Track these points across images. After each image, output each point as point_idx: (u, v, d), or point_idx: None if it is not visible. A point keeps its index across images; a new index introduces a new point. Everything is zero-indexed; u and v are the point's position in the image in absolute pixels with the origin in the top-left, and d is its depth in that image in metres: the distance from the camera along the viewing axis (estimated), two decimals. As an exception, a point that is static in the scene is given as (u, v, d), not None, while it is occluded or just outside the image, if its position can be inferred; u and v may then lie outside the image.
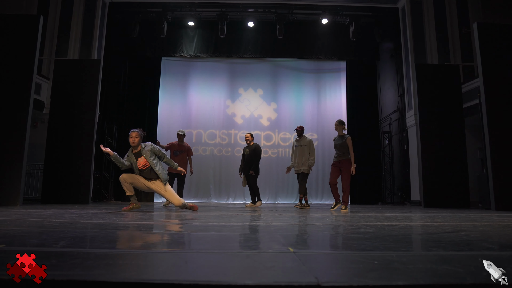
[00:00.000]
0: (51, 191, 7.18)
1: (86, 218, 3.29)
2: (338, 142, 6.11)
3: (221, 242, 1.87)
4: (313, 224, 3.06)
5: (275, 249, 1.54)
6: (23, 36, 6.14)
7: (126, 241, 1.93)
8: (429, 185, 7.71)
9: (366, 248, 1.67)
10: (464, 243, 1.84)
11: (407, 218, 3.88)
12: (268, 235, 2.15)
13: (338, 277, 1.02)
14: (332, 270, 1.11)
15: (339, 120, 6.36)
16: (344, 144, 5.97)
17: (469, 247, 1.73)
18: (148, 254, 1.45)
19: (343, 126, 6.24)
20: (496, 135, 6.08)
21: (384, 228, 2.64)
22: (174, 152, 7.33)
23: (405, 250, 1.67)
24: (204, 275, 1.02)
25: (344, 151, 5.97)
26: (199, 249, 1.61)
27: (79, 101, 7.54)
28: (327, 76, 11.97)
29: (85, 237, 1.91)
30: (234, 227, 2.73)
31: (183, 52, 11.24)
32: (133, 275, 1.02)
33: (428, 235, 2.19)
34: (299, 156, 7.06)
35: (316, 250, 1.60)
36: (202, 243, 1.84)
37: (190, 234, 2.23)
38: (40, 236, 1.94)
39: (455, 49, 9.45)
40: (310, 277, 0.99)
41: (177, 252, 1.49)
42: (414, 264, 1.23)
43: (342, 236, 2.13)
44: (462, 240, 1.97)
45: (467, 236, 2.16)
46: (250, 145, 7.42)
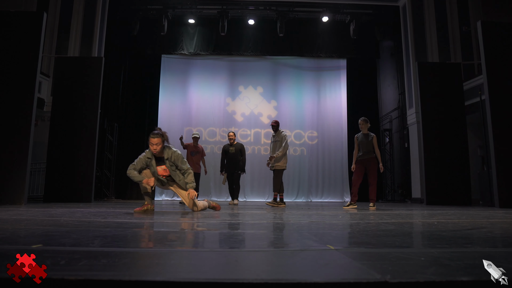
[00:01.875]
0: (54, 189, 7.13)
1: (101, 217, 3.27)
2: (363, 140, 5.98)
3: (254, 240, 1.87)
4: (330, 221, 3.07)
5: (315, 246, 1.55)
6: (26, 34, 6.08)
7: (162, 239, 1.92)
8: (431, 183, 7.76)
9: (402, 245, 1.68)
10: (494, 240, 1.86)
11: (418, 215, 3.91)
12: (296, 233, 2.15)
13: (398, 274, 1.03)
14: (388, 267, 1.12)
15: (364, 118, 6.19)
16: (370, 143, 5.90)
17: (503, 244, 1.75)
18: (197, 252, 1.45)
19: (367, 124, 6.09)
20: (500, 132, 6.14)
21: (403, 225, 2.66)
22: (191, 152, 7.46)
23: (441, 247, 1.69)
24: (263, 273, 1.02)
25: (370, 149, 5.89)
26: (234, 247, 1.61)
27: (81, 99, 7.49)
28: (327, 74, 12.00)
29: (116, 236, 1.91)
30: (255, 225, 2.73)
31: (184, 49, 11.20)
32: (184, 274, 1.02)
33: (452, 232, 2.20)
34: (273, 151, 6.73)
35: (354, 247, 1.61)
36: (233, 242, 1.84)
37: (221, 233, 2.23)
38: (69, 235, 1.93)
39: (456, 47, 9.52)
40: (373, 274, 1.00)
41: (221, 251, 1.49)
42: (462, 261, 1.24)
43: (369, 233, 2.14)
44: (490, 237, 1.99)
45: (492, 233, 2.18)
46: (233, 143, 7.33)
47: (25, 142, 5.80)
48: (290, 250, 1.44)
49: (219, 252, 1.47)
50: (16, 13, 6.18)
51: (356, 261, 1.21)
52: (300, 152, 11.72)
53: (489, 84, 6.24)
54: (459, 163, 7.82)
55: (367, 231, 2.31)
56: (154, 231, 2.35)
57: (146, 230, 2.36)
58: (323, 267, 1.11)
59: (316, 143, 11.82)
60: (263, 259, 1.30)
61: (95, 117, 7.57)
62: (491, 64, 6.30)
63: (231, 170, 7.26)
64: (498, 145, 6.09)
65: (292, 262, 1.20)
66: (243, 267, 1.14)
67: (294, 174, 11.58)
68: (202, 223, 2.90)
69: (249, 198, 11.33)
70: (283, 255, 1.34)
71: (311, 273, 1.04)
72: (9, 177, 5.68)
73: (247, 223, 2.92)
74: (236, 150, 7.28)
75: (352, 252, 1.42)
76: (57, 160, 7.25)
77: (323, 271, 1.06)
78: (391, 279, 0.94)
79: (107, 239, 1.78)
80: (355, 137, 6.21)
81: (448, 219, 3.30)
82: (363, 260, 1.27)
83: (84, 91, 7.55)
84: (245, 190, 11.37)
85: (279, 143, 6.67)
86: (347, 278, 0.94)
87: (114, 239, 1.79)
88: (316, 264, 1.17)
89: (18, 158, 5.73)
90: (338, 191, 11.57)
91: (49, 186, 7.18)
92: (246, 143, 11.61)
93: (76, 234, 1.98)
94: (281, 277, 0.97)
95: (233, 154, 7.25)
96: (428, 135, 7.89)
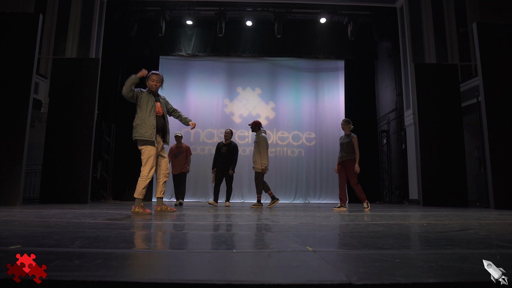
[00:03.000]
0: (50, 190, 7.14)
1: (91, 218, 3.27)
2: (344, 141, 5.98)
3: (237, 242, 1.87)
4: (320, 223, 3.07)
5: (293, 248, 1.55)
6: (23, 35, 6.10)
7: (144, 240, 1.92)
8: (428, 184, 7.76)
9: (383, 247, 1.68)
10: (477, 242, 1.85)
11: (411, 217, 3.90)
12: (280, 234, 2.15)
13: (367, 275, 1.03)
14: (359, 269, 1.11)
15: (345, 119, 6.21)
16: (350, 143, 5.88)
17: (482, 245, 1.74)
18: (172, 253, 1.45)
19: (349, 125, 6.10)
20: (496, 134, 6.13)
21: (392, 227, 2.65)
22: (174, 155, 7.35)
23: (421, 249, 1.69)
24: (234, 275, 1.02)
25: (350, 151, 5.87)
26: (214, 248, 1.61)
27: (78, 100, 7.50)
28: (325, 75, 12.00)
29: (98, 237, 1.90)
30: (243, 226, 2.73)
31: (181, 51, 11.22)
32: (152, 275, 1.02)
33: (438, 234, 2.20)
34: (253, 153, 6.79)
35: (334, 249, 1.60)
36: (216, 243, 1.84)
37: (202, 234, 2.23)
38: (52, 236, 1.92)
39: (453, 48, 9.52)
40: (340, 276, 1.00)
41: (198, 253, 1.49)
42: (436, 262, 1.24)
43: (354, 235, 2.13)
44: (474, 239, 1.98)
45: (477, 235, 2.18)
46: (227, 143, 7.20)
47: (21, 143, 5.81)
48: (267, 252, 1.44)
49: (196, 253, 1.47)
50: (12, 14, 6.20)
51: (329, 262, 1.21)
52: (298, 154, 11.72)
53: (484, 86, 6.24)
54: (456, 164, 7.81)
55: (353, 232, 2.31)
56: (139, 232, 2.34)
57: (132, 231, 2.36)
58: (293, 269, 1.11)
59: (314, 145, 11.82)
60: (237, 260, 1.30)
61: (92, 118, 7.57)
62: (486, 66, 6.30)
63: (222, 170, 7.11)
64: (493, 147, 6.08)
65: (265, 263, 1.20)
66: (214, 269, 1.13)
67: (292, 175, 11.58)
68: (189, 224, 2.89)
69: (247, 200, 11.32)
70: (259, 257, 1.34)
71: (278, 274, 1.04)
72: (4, 178, 5.68)
73: (236, 224, 2.92)
74: (229, 149, 7.13)
75: (329, 254, 1.41)
76: (53, 161, 7.25)
77: (291, 273, 1.06)
78: (356, 281, 0.94)
79: (89, 240, 1.78)
80: (339, 138, 6.23)
81: (439, 221, 3.29)
82: (338, 262, 1.27)
83: (81, 92, 7.55)
84: (243, 192, 11.38)
85: (257, 145, 6.71)
86: (311, 280, 0.94)
87: (96, 240, 1.79)
88: (287, 265, 1.16)
89: (14, 159, 5.74)
90: (336, 193, 11.50)
91: (45, 187, 7.18)
92: (244, 145, 11.61)
93: (60, 235, 1.97)
94: (249, 278, 0.97)
95: (225, 153, 7.11)
96: (425, 136, 7.89)
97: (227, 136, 7.21)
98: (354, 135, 5.97)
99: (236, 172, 11.42)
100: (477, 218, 3.60)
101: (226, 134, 7.22)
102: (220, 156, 7.15)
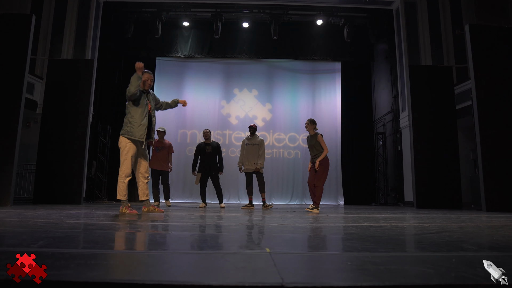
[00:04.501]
0: (43, 191, 7.15)
1: (73, 219, 3.27)
2: (311, 142, 5.80)
3: (201, 243, 1.87)
4: (300, 225, 3.06)
5: (253, 249, 1.55)
6: (15, 36, 6.12)
7: (107, 241, 1.92)
8: (421, 186, 7.74)
9: (345, 249, 1.67)
10: (444, 244, 1.84)
11: (396, 219, 3.89)
12: (248, 236, 2.15)
13: (305, 277, 1.03)
14: (302, 271, 1.11)
15: (310, 119, 5.97)
16: (317, 143, 5.72)
17: (448, 248, 1.74)
18: (124, 254, 1.45)
19: (314, 125, 5.88)
20: (487, 136, 6.11)
21: (369, 229, 2.65)
22: (156, 148, 7.23)
23: (383, 251, 1.68)
24: (170, 275, 1.01)
25: (319, 150, 5.71)
26: (176, 249, 1.61)
27: (72, 101, 7.53)
28: (321, 77, 11.98)
29: (65, 237, 1.91)
30: (218, 227, 2.73)
31: (178, 52, 11.22)
32: (102, 274, 1.02)
33: (411, 236, 2.20)
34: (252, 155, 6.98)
35: (293, 250, 1.60)
36: (182, 244, 1.84)
37: (174, 235, 2.23)
38: (20, 236, 1.93)
39: (449, 50, 9.50)
40: (276, 277, 0.99)
41: (150, 253, 1.49)
42: (387, 265, 1.24)
43: (324, 237, 2.13)
44: (443, 241, 1.97)
45: (450, 237, 2.17)
46: (208, 142, 7.03)
47: (12, 143, 5.83)
48: (222, 253, 1.44)
49: (143, 253, 1.47)
50: (5, 15, 6.22)
51: (277, 264, 1.21)
52: (294, 155, 11.71)
53: (476, 88, 6.22)
54: (450, 166, 7.79)
55: (325, 234, 2.30)
56: (110, 232, 2.34)
57: (103, 231, 2.36)
58: (236, 270, 1.11)
59: (310, 146, 11.79)
60: (186, 261, 1.29)
61: (86, 119, 7.60)
62: (478, 68, 6.28)
63: (206, 171, 6.94)
64: (485, 149, 6.06)
65: (211, 264, 1.20)
66: (152, 269, 1.13)
67: (288, 177, 11.56)
68: (163, 225, 2.89)
69: (243, 201, 11.30)
70: (210, 258, 1.33)
71: (216, 275, 1.04)
72: (-5, 179, 5.69)
73: (214, 225, 2.91)
74: (213, 149, 6.96)
75: (284, 256, 1.41)
76: (47, 162, 7.27)
77: (230, 274, 1.05)
78: (289, 283, 0.93)
79: (54, 240, 1.78)
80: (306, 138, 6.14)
81: (420, 223, 3.28)
82: (287, 264, 1.26)
83: (76, 93, 7.58)
84: (239, 193, 11.37)
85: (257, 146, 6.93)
86: (243, 281, 0.94)
87: (61, 240, 1.79)
88: (233, 267, 1.16)
89: (5, 159, 5.75)
90: (333, 194, 11.52)
91: (38, 188, 7.20)
92: (240, 146, 11.60)
93: (28, 235, 1.98)
94: (183, 279, 0.96)
95: (210, 153, 6.93)
96: (419, 138, 7.87)
97: (208, 135, 7.07)
98: (319, 133, 5.77)
99: (232, 173, 11.50)
100: (461, 221, 3.58)
101: (206, 133, 7.08)
102: (205, 156, 6.95)
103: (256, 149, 6.93)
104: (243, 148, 7.13)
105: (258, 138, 7.08)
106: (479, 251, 1.62)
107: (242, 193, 11.39)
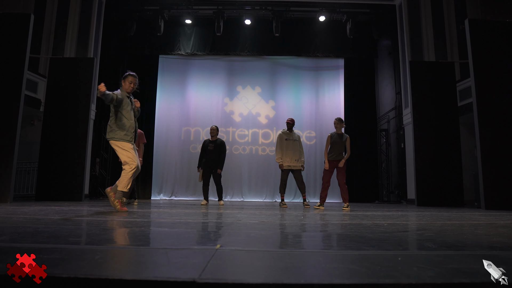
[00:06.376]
0: (46, 188, 7.28)
1: (60, 215, 3.33)
2: (337, 140, 5.85)
3: (154, 239, 1.88)
4: (281, 222, 3.06)
5: (204, 245, 1.55)
6: (15, 34, 6.23)
7: (66, 236, 1.95)
8: (422, 184, 7.65)
9: (304, 247, 1.67)
10: (405, 243, 1.83)
11: (385, 217, 3.85)
12: (212, 233, 2.16)
13: (228, 274, 1.03)
14: (234, 268, 1.12)
15: (339, 118, 6.09)
16: (343, 144, 5.84)
17: (406, 246, 1.72)
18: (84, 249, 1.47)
19: (343, 124, 6.00)
20: (487, 134, 6.01)
21: (345, 227, 2.63)
22: None
23: (338, 249, 1.67)
24: (105, 270, 1.03)
25: (342, 151, 5.82)
26: (124, 245, 1.63)
27: (74, 99, 7.64)
28: (325, 74, 11.91)
29: (34, 232, 1.94)
30: (189, 224, 2.74)
31: (181, 50, 11.27)
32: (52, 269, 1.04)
33: (381, 234, 2.17)
34: (293, 150, 6.73)
35: (247, 247, 1.60)
36: (132, 240, 1.85)
37: (131, 231, 2.25)
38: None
39: (452, 46, 9.34)
40: (195, 274, 1.00)
41: (94, 248, 1.51)
42: (331, 264, 1.23)
43: (297, 234, 2.13)
44: (409, 240, 1.96)
45: (419, 236, 2.15)
46: (213, 140, 6.96)
47: (11, 140, 5.93)
48: (169, 249, 1.45)
49: (88, 248, 1.49)
50: (4, 14, 6.33)
51: (213, 261, 1.21)
52: (297, 152, 11.66)
53: (476, 84, 6.11)
54: (452, 163, 7.68)
55: (301, 232, 2.30)
56: (87, 228, 2.37)
57: (79, 227, 2.39)
58: (166, 265, 1.12)
59: (314, 143, 11.76)
60: (125, 256, 1.31)
61: (87, 116, 7.70)
62: (478, 64, 6.17)
63: (208, 168, 6.88)
64: (484, 146, 5.96)
65: (143, 260, 1.21)
66: (95, 264, 1.15)
67: (291, 174, 11.51)
68: (136, 221, 2.92)
69: (247, 198, 11.34)
70: (152, 254, 1.34)
71: (136, 270, 1.05)
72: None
73: (181, 221, 2.92)
74: (216, 146, 6.90)
75: (230, 252, 1.41)
76: (49, 159, 7.39)
77: (155, 269, 1.06)
78: (199, 279, 0.94)
79: (19, 235, 1.82)
80: (328, 136, 6.03)
81: (403, 221, 3.25)
82: (225, 260, 1.27)
83: (77, 91, 7.69)
84: (242, 190, 11.41)
85: (296, 142, 6.76)
86: (159, 276, 0.95)
87: (25, 235, 1.82)
88: (166, 262, 1.17)
89: (4, 156, 5.86)
90: (336, 192, 11.41)
91: (41, 185, 7.33)
92: (244, 143, 11.64)
93: (5, 230, 2.02)
94: (91, 272, 0.98)
95: (212, 151, 6.87)
96: (420, 135, 7.77)
97: (213, 133, 6.98)
98: (347, 135, 5.92)
99: (236, 171, 11.54)
100: (449, 219, 3.53)
101: (212, 131, 7.00)
102: (207, 154, 6.91)
103: (296, 145, 6.73)
104: (282, 143, 6.73)
105: (295, 133, 6.85)
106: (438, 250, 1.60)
107: (246, 191, 11.43)
